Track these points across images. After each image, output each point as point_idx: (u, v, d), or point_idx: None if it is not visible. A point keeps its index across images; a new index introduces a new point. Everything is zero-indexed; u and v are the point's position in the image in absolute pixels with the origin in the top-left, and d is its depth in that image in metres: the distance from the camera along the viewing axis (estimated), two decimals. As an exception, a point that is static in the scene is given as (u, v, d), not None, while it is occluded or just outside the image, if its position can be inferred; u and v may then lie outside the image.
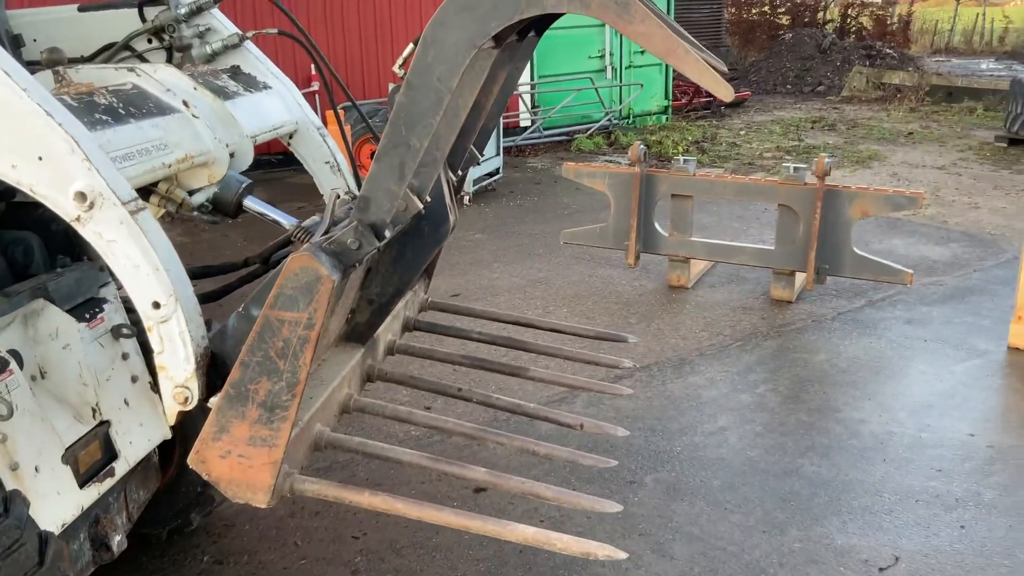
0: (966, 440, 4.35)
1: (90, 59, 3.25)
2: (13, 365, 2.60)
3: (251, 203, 2.86)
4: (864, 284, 6.46)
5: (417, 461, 2.43)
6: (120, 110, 2.48)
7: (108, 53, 3.20)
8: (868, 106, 15.98)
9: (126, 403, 3.00)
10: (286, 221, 2.87)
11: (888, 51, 19.96)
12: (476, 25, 1.85)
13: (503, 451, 2.89)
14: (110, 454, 2.89)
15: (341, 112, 8.45)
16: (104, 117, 2.40)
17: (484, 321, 3.56)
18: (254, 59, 3.27)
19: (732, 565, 3.40)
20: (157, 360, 2.17)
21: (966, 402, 4.75)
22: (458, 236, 7.95)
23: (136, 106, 2.55)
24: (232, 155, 2.80)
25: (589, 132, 12.54)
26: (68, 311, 2.85)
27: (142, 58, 3.23)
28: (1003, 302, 6.04)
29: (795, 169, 6.06)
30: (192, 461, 2.13)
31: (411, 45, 2.65)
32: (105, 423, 2.87)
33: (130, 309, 3.20)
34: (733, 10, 23.63)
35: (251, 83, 3.17)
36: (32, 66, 3.13)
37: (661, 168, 6.67)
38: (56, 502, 2.62)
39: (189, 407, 2.18)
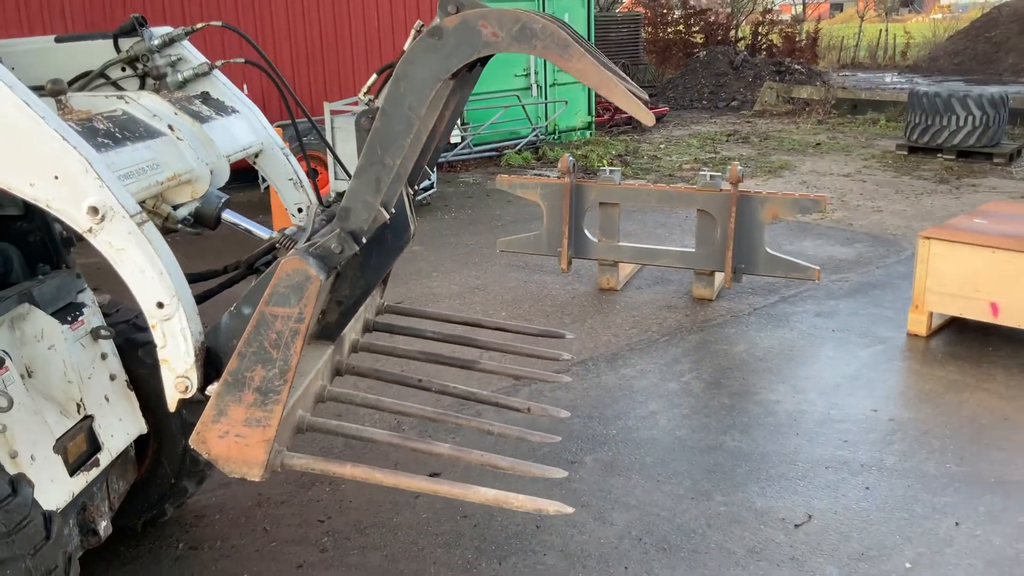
0: (870, 415, 4.83)
1: (67, 86, 3.46)
2: (9, 362, 2.83)
3: (229, 216, 3.15)
4: (777, 282, 6.98)
5: (388, 439, 2.72)
6: (117, 134, 2.73)
7: (84, 81, 3.40)
8: (779, 119, 16.80)
9: (106, 399, 3.25)
10: (259, 231, 3.16)
11: (797, 67, 20.95)
12: (440, 63, 2.18)
13: (461, 432, 3.20)
14: (94, 446, 3.12)
15: (278, 130, 8.68)
16: (105, 141, 2.65)
17: (435, 322, 3.89)
18: (222, 86, 3.52)
19: (665, 527, 3.78)
20: (160, 354, 2.41)
21: (870, 382, 5.25)
22: (396, 249, 8.23)
23: (129, 130, 2.81)
24: (211, 172, 3.07)
25: (518, 147, 12.97)
26: (51, 315, 3.08)
27: (117, 86, 3.44)
28: (903, 294, 6.60)
29: (711, 177, 6.54)
30: (193, 441, 2.37)
31: (374, 75, 3.01)
32: (89, 417, 3.11)
33: (107, 313, 3.45)
34: (650, 29, 24.48)
35: (221, 108, 3.44)
36: None
37: (588, 179, 7.08)
38: (51, 488, 2.86)
39: (188, 395, 2.41)
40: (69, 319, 3.15)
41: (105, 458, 3.15)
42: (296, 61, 11.36)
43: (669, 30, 24.73)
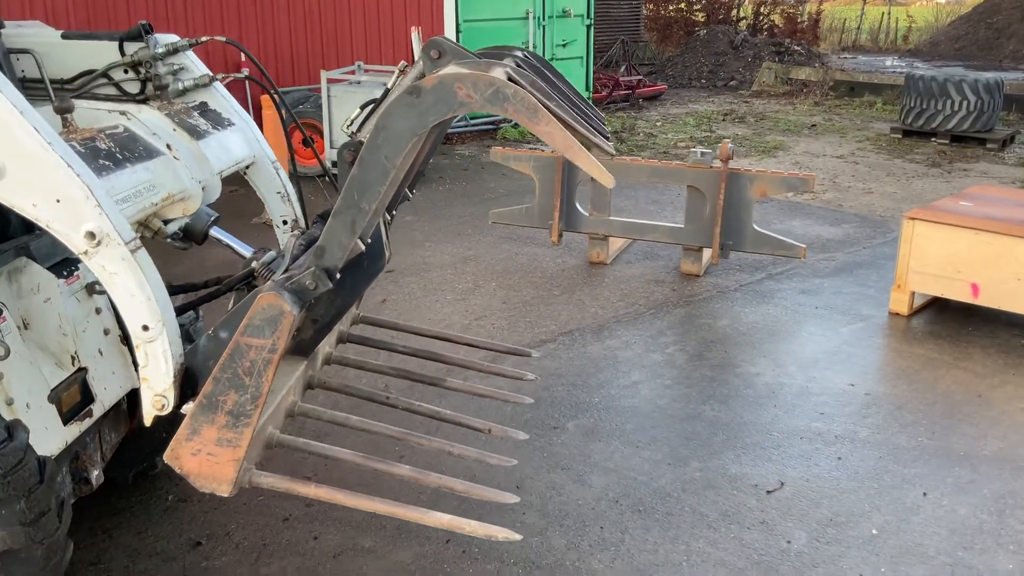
0: (847, 389, 4.94)
1: (70, 82, 3.58)
2: (6, 313, 2.92)
3: (216, 233, 3.28)
4: (764, 259, 7.07)
5: (353, 459, 2.86)
6: (118, 155, 2.83)
7: (87, 79, 3.53)
8: (776, 100, 16.83)
9: (100, 353, 3.34)
10: (243, 250, 3.29)
11: (796, 48, 20.94)
12: (417, 119, 2.28)
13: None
14: (88, 397, 3.22)
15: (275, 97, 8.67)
16: (106, 163, 2.75)
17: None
18: (220, 97, 3.63)
19: (642, 491, 3.90)
20: (141, 372, 2.54)
21: (849, 358, 5.36)
22: (389, 218, 8.31)
23: (129, 150, 2.91)
24: (203, 189, 3.18)
25: (514, 122, 13.00)
26: (48, 269, 3.17)
27: (119, 87, 3.55)
28: (887, 274, 6.70)
29: (702, 154, 6.61)
30: (167, 458, 2.52)
31: (358, 109, 3.14)
32: (83, 370, 3.20)
33: None
34: (651, 6, 24.41)
35: (218, 120, 3.54)
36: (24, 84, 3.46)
37: (581, 153, 7.13)
38: (45, 436, 2.95)
39: (164, 412, 2.56)
40: (65, 273, 3.23)
41: (98, 409, 3.24)
42: (294, 29, 11.36)
43: (671, 8, 24.67)
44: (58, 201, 2.40)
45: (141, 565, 3.35)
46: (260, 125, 8.99)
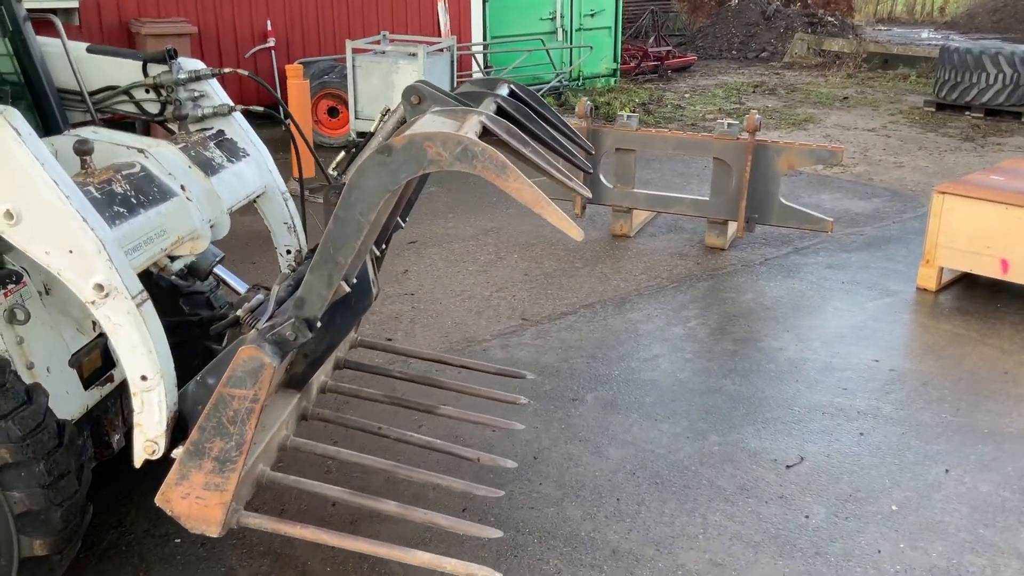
0: (871, 365, 4.88)
1: (91, 95, 3.67)
2: (27, 277, 2.95)
3: (219, 271, 3.31)
4: (791, 233, 6.99)
5: (340, 496, 2.92)
6: (133, 200, 2.86)
7: (109, 94, 3.64)
8: (808, 72, 16.56)
9: (121, 319, 3.36)
10: (241, 288, 3.32)
11: (830, 19, 20.55)
12: (389, 176, 2.32)
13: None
14: (109, 362, 3.25)
15: (300, 67, 8.70)
16: (121, 209, 2.78)
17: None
18: (238, 127, 3.68)
19: (659, 464, 3.89)
20: (136, 418, 2.61)
21: (874, 334, 5.29)
22: (413, 189, 8.30)
23: (144, 193, 2.93)
24: (212, 227, 3.21)
25: (540, 93, 12.89)
26: None
27: (139, 106, 3.66)
28: (916, 249, 6.60)
29: (729, 125, 6.52)
30: (159, 500, 2.60)
31: (342, 152, 3.16)
32: (104, 336, 3.22)
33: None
34: (682, -24, 24.02)
35: (233, 152, 3.57)
36: None
37: (606, 125, 7.07)
38: (66, 399, 2.99)
39: (155, 457, 2.64)
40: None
41: (119, 374, 3.28)
42: (320, -1, 11.32)
43: (702, -22, 24.26)
44: (71, 252, 2.47)
45: (163, 528, 3.40)
46: (285, 95, 9.01)
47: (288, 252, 3.73)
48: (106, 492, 3.58)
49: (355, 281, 2.93)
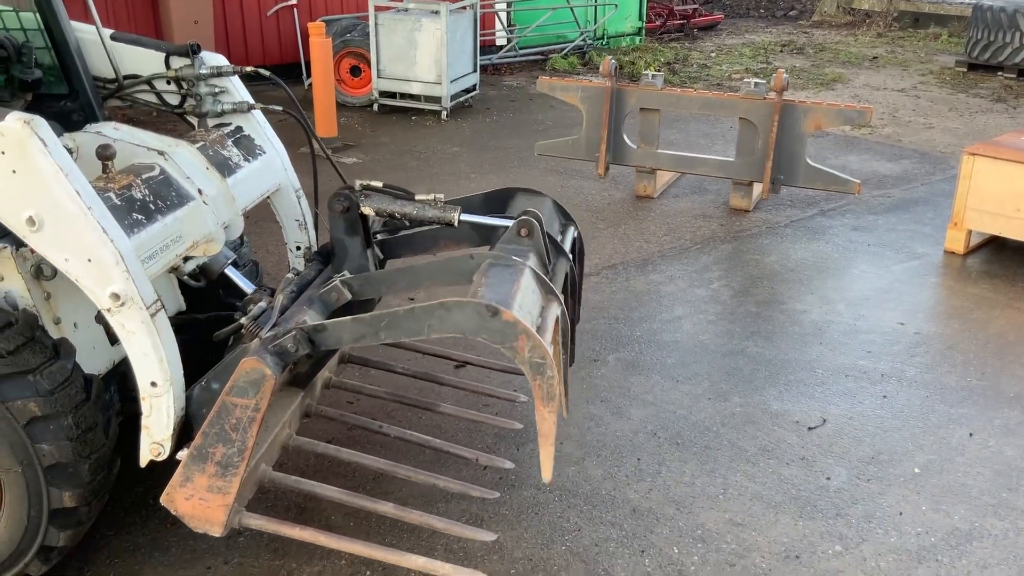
0: (896, 328, 4.84)
1: (112, 82, 3.71)
2: (53, 234, 2.96)
3: (229, 273, 3.33)
4: (817, 195, 6.91)
5: (338, 497, 2.95)
6: (151, 206, 2.88)
7: (131, 82, 3.69)
8: (837, 31, 16.26)
9: (147, 276, 3.39)
10: (248, 289, 3.35)
11: (861, -24, 20.10)
12: (474, 327, 2.50)
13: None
14: (135, 319, 3.28)
15: (322, 25, 8.65)
16: (140, 216, 2.80)
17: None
18: (256, 124, 3.71)
19: (680, 424, 3.89)
20: (144, 421, 2.66)
21: (900, 296, 5.24)
22: (436, 150, 8.28)
23: (162, 198, 2.95)
24: (226, 228, 3.22)
25: (564, 52, 12.76)
26: None
27: (160, 97, 3.71)
28: (944, 212, 6.51)
29: (755, 84, 6.42)
30: (164, 501, 2.66)
31: (376, 184, 3.26)
32: None
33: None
34: (709, -68, 23.55)
35: (250, 150, 3.59)
36: None
37: (630, 84, 6.99)
38: (92, 354, 3.02)
39: (160, 459, 2.70)
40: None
41: None
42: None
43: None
44: (89, 261, 2.50)
45: (187, 483, 3.44)
46: (307, 53, 8.95)
47: (298, 248, 3.78)
48: (135, 445, 3.63)
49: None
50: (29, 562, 2.75)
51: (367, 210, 3.20)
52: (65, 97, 3.62)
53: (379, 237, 3.47)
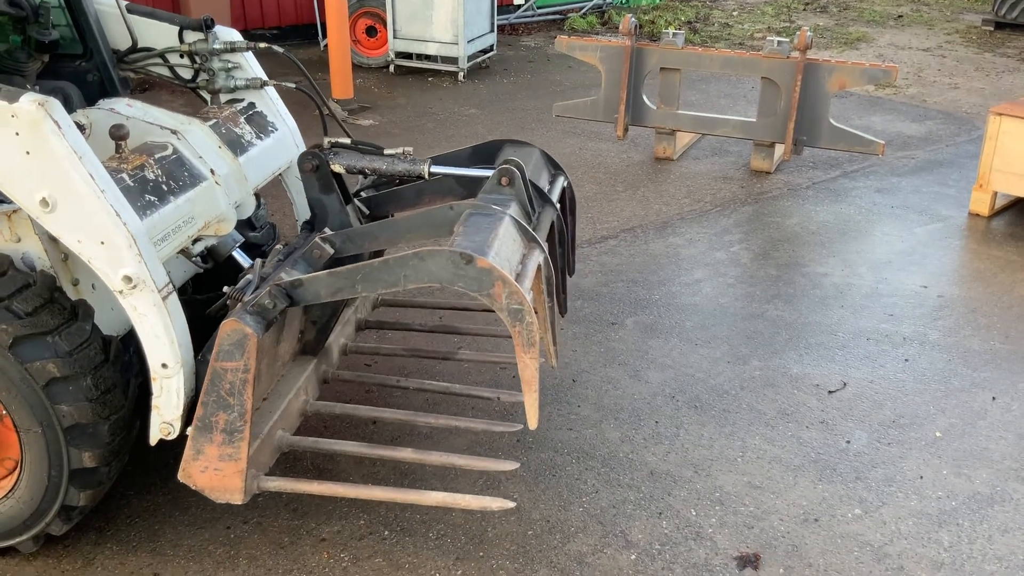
0: (919, 291, 4.78)
1: (126, 53, 3.68)
2: (70, 195, 2.95)
3: (236, 255, 3.31)
4: (840, 156, 6.81)
5: (357, 450, 2.98)
6: (163, 186, 2.87)
7: (144, 55, 3.68)
8: (862, -11, 15.92)
9: (165, 238, 3.38)
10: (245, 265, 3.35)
11: (887, -68, 19.65)
12: (449, 277, 2.50)
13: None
14: (154, 280, 3.28)
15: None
16: (152, 198, 2.79)
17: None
18: (269, 100, 3.69)
19: (698, 388, 3.87)
20: (154, 401, 2.66)
21: (923, 259, 5.17)
22: (453, 111, 8.21)
23: (175, 179, 2.94)
24: (237, 207, 3.21)
25: (583, 11, 12.58)
26: None
27: (173, 70, 3.70)
28: (969, 173, 6.40)
29: (778, 43, 6.30)
30: (181, 476, 2.67)
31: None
32: None
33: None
34: None
35: (262, 127, 3.56)
36: None
37: (650, 43, 6.87)
38: (111, 316, 3.02)
39: (170, 438, 2.70)
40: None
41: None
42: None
43: None
44: (102, 243, 2.51)
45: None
46: (322, 13, 8.85)
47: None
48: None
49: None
50: (50, 521, 2.78)
51: (336, 167, 3.20)
52: (79, 57, 3.59)
53: (364, 195, 3.46)
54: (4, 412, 2.66)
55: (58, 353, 2.56)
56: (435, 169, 3.20)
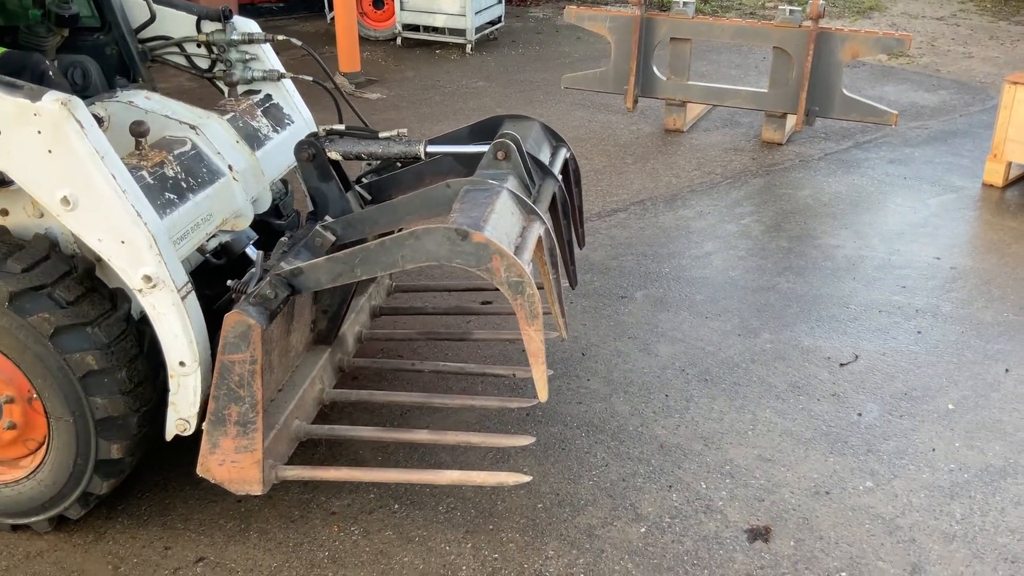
0: (932, 262, 4.74)
1: (143, 42, 3.69)
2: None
3: (250, 252, 3.29)
4: (852, 127, 6.73)
5: (373, 435, 3.01)
6: (183, 184, 2.86)
7: (162, 43, 3.70)
8: (875, -43, 15.70)
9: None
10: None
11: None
12: (447, 254, 2.48)
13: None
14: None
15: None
16: (172, 196, 2.78)
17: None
18: (286, 92, 3.69)
19: (709, 361, 3.85)
20: (171, 397, 2.66)
21: (936, 230, 5.12)
22: (461, 84, 8.15)
23: (194, 176, 2.93)
24: (254, 202, 3.20)
25: (591, -18, 12.43)
26: None
27: (190, 60, 3.71)
28: (983, 143, 6.33)
29: (790, 12, 6.22)
30: (200, 471, 2.67)
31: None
32: None
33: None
34: None
35: (279, 120, 3.56)
36: None
37: (660, 13, 6.79)
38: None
39: (186, 434, 2.71)
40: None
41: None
42: None
43: None
44: (123, 242, 2.50)
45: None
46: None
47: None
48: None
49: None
50: (69, 506, 2.79)
51: (333, 154, 3.17)
52: (98, 31, 3.57)
53: (365, 180, 3.44)
54: (34, 396, 2.66)
55: (96, 345, 2.55)
56: (431, 148, 3.18)
